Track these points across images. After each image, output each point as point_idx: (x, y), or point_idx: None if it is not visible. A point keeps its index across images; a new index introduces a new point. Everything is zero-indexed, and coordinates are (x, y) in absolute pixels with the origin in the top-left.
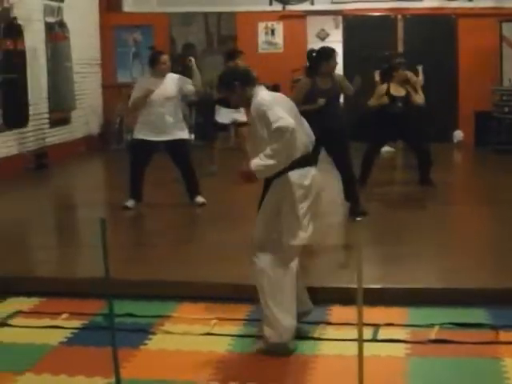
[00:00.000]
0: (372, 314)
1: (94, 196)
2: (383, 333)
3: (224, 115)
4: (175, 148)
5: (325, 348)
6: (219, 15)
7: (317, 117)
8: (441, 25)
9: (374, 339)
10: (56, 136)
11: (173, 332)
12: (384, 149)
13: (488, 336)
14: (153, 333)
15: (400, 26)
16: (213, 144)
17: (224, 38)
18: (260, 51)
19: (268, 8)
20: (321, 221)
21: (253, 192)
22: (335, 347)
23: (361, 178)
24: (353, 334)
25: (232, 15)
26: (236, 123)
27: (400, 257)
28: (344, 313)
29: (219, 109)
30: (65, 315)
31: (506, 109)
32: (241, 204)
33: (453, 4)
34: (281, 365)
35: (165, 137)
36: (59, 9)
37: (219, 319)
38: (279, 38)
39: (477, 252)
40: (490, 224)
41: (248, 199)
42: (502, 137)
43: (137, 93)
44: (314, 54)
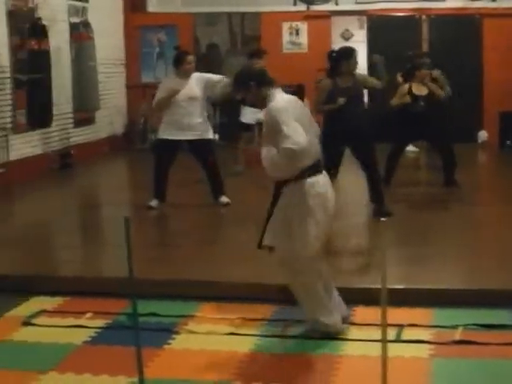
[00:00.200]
0: (396, 315)
1: (118, 196)
2: (407, 333)
3: (248, 115)
4: (200, 148)
5: (349, 348)
6: (243, 15)
7: (339, 116)
8: (465, 25)
9: (398, 340)
10: (80, 136)
11: (196, 332)
12: (408, 148)
13: None
14: (176, 332)
15: (424, 27)
16: (237, 144)
17: (248, 38)
18: (284, 51)
19: (292, 8)
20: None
21: None
22: (359, 348)
23: (385, 179)
24: (377, 335)
25: (256, 15)
26: (260, 123)
27: (424, 257)
28: (368, 313)
29: (244, 109)
30: (89, 314)
31: None
32: (265, 204)
33: (477, 4)
34: (304, 365)
35: (189, 136)
36: (84, 9)
37: (243, 319)
38: (303, 38)
39: (501, 253)
40: None
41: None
42: None
43: (161, 93)
44: (334, 55)
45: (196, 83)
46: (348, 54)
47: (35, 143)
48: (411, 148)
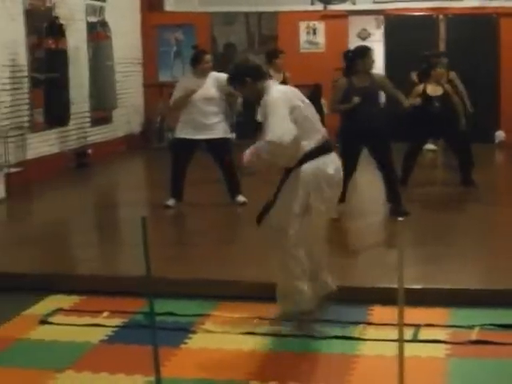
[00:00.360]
0: (413, 315)
1: (135, 195)
2: (424, 333)
3: None
4: (217, 147)
5: (365, 348)
6: (260, 15)
7: (356, 116)
8: (482, 24)
9: (415, 340)
10: (97, 135)
11: (213, 331)
12: (427, 146)
13: None
14: (193, 331)
15: (441, 26)
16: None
17: (265, 38)
18: (301, 51)
19: (309, 8)
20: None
21: None
22: (376, 347)
23: (402, 178)
24: (393, 335)
25: (273, 15)
26: None
27: (441, 257)
28: (385, 313)
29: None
30: (105, 313)
31: None
32: None
33: (494, 3)
34: (320, 364)
35: (206, 135)
36: (101, 8)
37: (260, 318)
38: (321, 38)
39: None
40: None
41: None
42: None
43: (178, 92)
44: (350, 54)
45: (213, 83)
46: (363, 53)
47: (52, 142)
48: (430, 146)
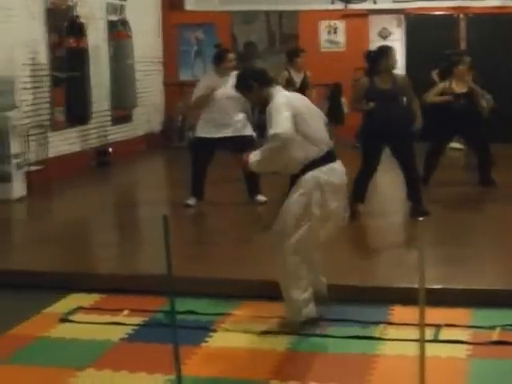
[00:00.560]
0: (433, 315)
1: (156, 193)
2: (444, 333)
3: None
4: (239, 145)
5: (386, 348)
6: (281, 14)
7: (378, 116)
8: (503, 24)
9: (436, 340)
10: (118, 133)
11: (234, 330)
12: (453, 145)
13: None
14: (214, 330)
15: (462, 25)
16: None
17: (286, 37)
18: (322, 50)
19: (330, 7)
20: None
21: None
22: (396, 347)
23: (424, 178)
24: (414, 335)
25: (294, 14)
26: None
27: (462, 257)
28: (405, 313)
29: None
30: (126, 312)
31: None
32: None
33: None
34: (341, 364)
35: (228, 133)
36: (122, 7)
37: (280, 318)
38: (341, 37)
39: None
40: None
41: None
42: None
43: (200, 91)
44: (372, 55)
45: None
46: (385, 53)
47: (73, 140)
48: (457, 145)
